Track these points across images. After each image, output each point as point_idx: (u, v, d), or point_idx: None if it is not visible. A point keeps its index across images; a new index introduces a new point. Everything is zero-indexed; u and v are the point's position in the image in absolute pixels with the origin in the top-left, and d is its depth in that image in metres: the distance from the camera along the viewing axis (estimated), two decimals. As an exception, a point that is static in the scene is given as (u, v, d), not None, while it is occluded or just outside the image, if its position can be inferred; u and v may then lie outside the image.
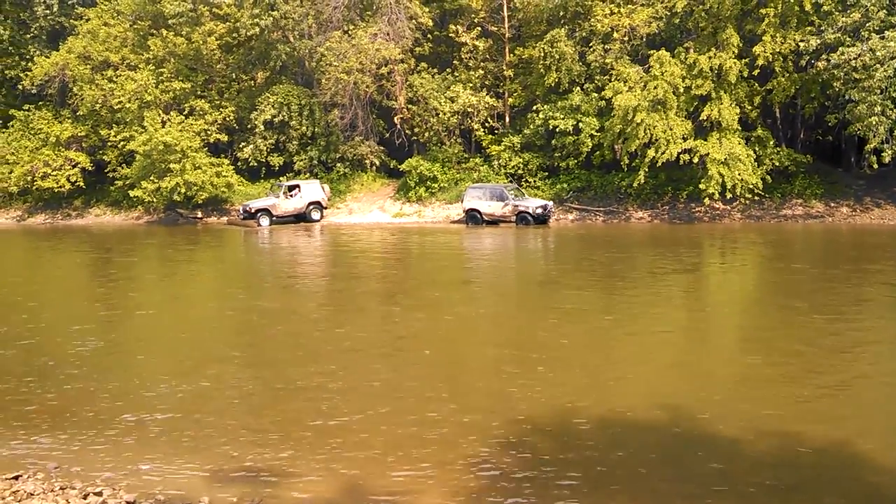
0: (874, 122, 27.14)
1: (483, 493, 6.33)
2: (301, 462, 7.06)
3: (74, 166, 39.80)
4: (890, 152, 27.76)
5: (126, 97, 37.49)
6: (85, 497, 6.31)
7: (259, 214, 33.94)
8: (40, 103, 41.97)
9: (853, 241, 24.25)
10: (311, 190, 34.97)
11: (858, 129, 28.21)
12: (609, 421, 7.93)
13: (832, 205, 30.66)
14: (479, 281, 18.68)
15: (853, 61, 27.47)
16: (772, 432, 7.55)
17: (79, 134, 40.03)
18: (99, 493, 6.38)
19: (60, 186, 39.34)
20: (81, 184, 39.84)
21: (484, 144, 36.67)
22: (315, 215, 34.77)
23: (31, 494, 6.34)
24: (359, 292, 16.96)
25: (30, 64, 41.49)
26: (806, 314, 13.04)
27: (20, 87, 41.58)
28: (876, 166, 29.44)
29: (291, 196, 34.49)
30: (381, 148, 38.39)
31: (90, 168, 40.17)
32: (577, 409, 8.25)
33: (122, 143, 38.04)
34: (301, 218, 34.59)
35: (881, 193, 30.81)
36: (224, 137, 38.60)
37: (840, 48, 27.98)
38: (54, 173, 39.26)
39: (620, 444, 7.36)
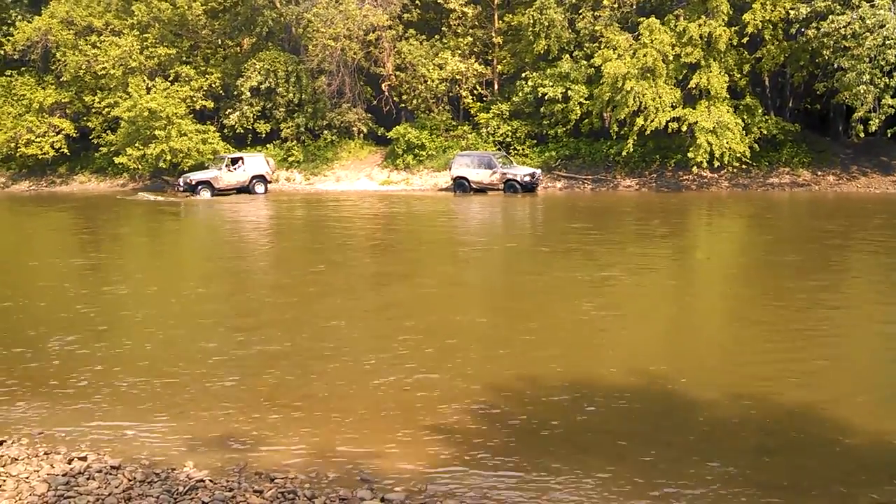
0: (862, 91, 27.14)
1: (462, 459, 6.37)
2: (284, 427, 7.08)
3: (58, 133, 39.34)
4: (877, 121, 27.81)
5: (110, 63, 36.96)
6: (69, 462, 6.31)
7: (200, 187, 33.09)
8: (23, 69, 41.33)
9: (840, 209, 24.35)
10: (255, 163, 34.07)
11: (846, 98, 28.25)
12: (591, 386, 7.98)
13: (819, 173, 30.76)
14: (466, 248, 18.66)
15: (843, 29, 27.41)
16: (752, 397, 7.61)
17: (62, 100, 39.50)
18: (84, 458, 6.38)
19: (44, 153, 38.93)
20: (66, 150, 39.42)
21: (472, 112, 36.46)
22: (259, 189, 33.75)
23: (16, 459, 6.33)
24: (342, 262, 16.94)
25: (11, 29, 40.74)
26: (791, 281, 13.11)
27: (2, 52, 40.87)
28: (863, 135, 29.44)
29: (234, 169, 33.61)
30: (369, 115, 38.10)
31: (74, 135, 39.72)
32: (558, 375, 8.29)
33: (106, 109, 37.57)
34: (244, 191, 33.58)
35: (867, 162, 30.93)
36: (210, 104, 38.20)
37: (830, 16, 27.91)
38: (38, 140, 38.82)
39: (602, 410, 7.41)
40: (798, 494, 5.75)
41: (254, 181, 33.83)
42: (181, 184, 33.68)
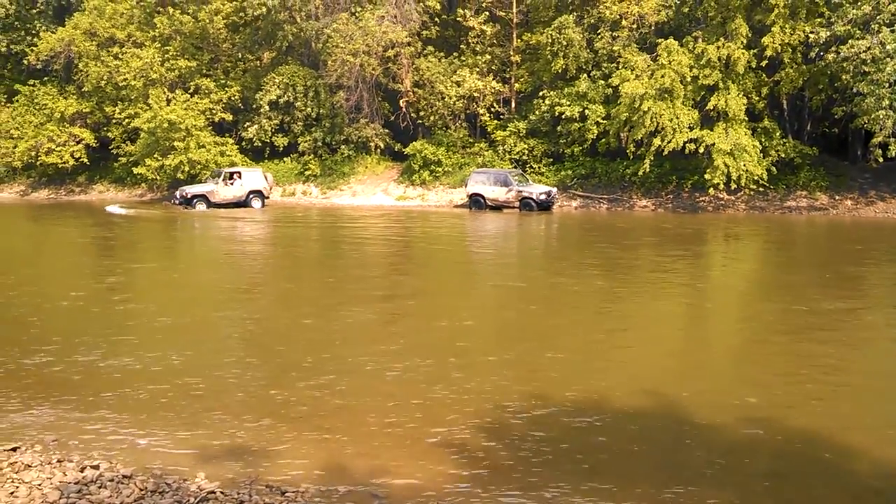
0: (881, 116, 27.05)
1: (472, 476, 6.35)
2: (296, 440, 7.08)
3: (79, 142, 39.85)
4: (896, 146, 27.65)
5: (131, 74, 37.44)
6: (82, 470, 6.33)
7: (196, 201, 33.04)
8: (45, 79, 41.96)
9: (858, 235, 24.17)
10: (253, 178, 34.00)
11: (865, 122, 28.14)
12: (601, 407, 7.94)
13: (836, 197, 30.59)
14: (479, 266, 18.67)
15: (863, 54, 27.34)
16: (763, 421, 7.55)
17: (83, 110, 40.03)
18: (96, 467, 6.40)
19: (64, 162, 39.43)
20: (85, 160, 39.94)
21: (489, 129, 36.59)
22: (255, 204, 33.65)
23: (29, 466, 6.36)
24: (355, 275, 16.98)
25: (35, 39, 41.43)
26: (804, 305, 13.01)
27: (26, 62, 41.52)
28: (881, 160, 29.30)
29: (231, 183, 33.55)
30: (386, 131, 38.32)
31: (94, 144, 40.23)
32: (568, 394, 8.25)
33: (126, 120, 38.05)
34: (241, 206, 33.31)
35: (886, 187, 30.74)
36: (229, 117, 38.55)
37: (850, 41, 27.84)
38: (58, 149, 39.33)
39: (610, 432, 7.37)
40: (811, 521, 5.70)
41: (251, 196, 33.73)
42: (177, 196, 33.66)
